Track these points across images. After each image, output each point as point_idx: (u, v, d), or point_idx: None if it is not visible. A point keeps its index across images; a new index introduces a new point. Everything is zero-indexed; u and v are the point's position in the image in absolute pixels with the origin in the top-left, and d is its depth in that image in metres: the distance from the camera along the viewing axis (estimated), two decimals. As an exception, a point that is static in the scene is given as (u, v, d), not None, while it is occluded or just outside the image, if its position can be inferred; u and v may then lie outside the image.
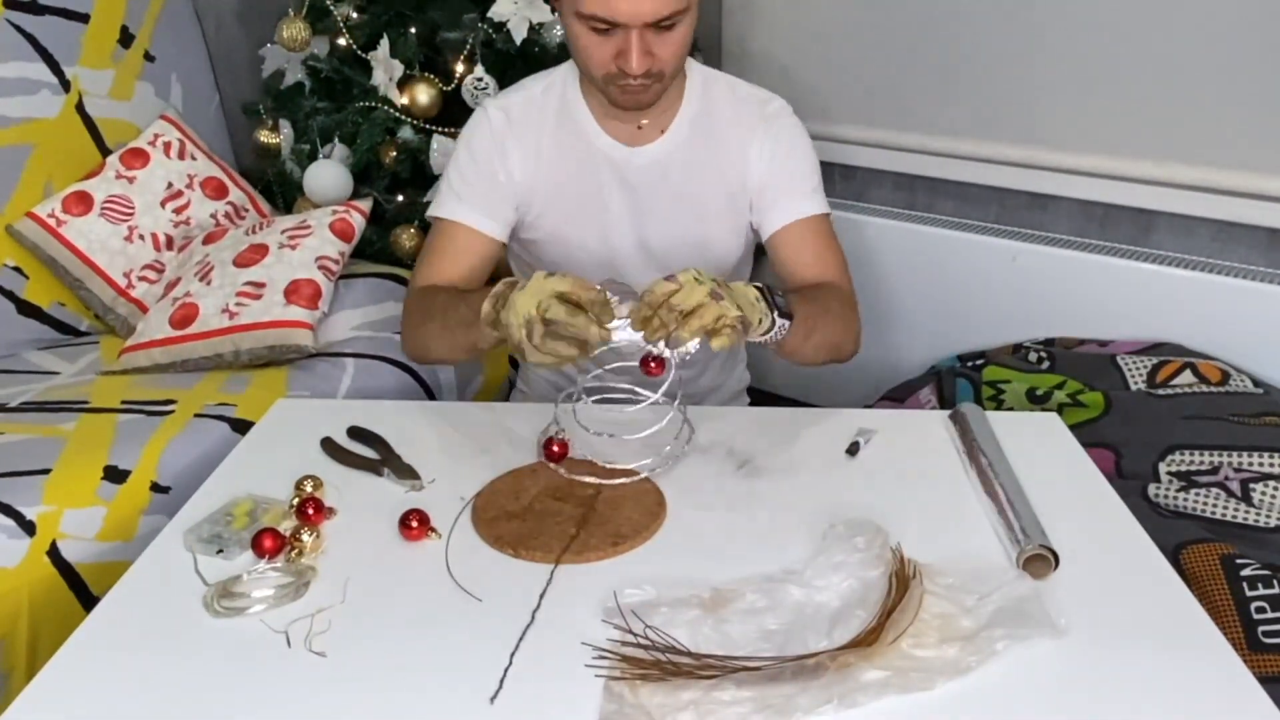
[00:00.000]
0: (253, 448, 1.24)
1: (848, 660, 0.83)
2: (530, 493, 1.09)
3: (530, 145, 1.35)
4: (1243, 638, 1.22)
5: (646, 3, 1.14)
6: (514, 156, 1.34)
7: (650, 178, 1.35)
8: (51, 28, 2.05)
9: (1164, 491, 1.46)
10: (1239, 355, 1.75)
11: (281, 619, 0.91)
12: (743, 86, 1.39)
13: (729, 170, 1.36)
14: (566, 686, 0.82)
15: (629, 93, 1.23)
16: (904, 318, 2.15)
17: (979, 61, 2.05)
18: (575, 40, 1.21)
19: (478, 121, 1.37)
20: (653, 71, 1.20)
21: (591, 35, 1.18)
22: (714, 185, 1.37)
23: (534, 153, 1.35)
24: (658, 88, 1.24)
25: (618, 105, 1.27)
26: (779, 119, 1.37)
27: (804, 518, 1.04)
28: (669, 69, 1.22)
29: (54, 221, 1.97)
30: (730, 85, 1.39)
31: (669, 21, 1.17)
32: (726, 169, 1.36)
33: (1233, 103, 1.78)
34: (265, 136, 2.32)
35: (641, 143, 1.35)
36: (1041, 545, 0.95)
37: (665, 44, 1.19)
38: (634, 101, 1.25)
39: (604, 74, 1.22)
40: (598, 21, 1.16)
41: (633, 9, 1.14)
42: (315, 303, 1.83)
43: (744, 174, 1.36)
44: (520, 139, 1.35)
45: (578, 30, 1.19)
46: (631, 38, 1.16)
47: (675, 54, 1.21)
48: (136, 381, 1.75)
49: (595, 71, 1.22)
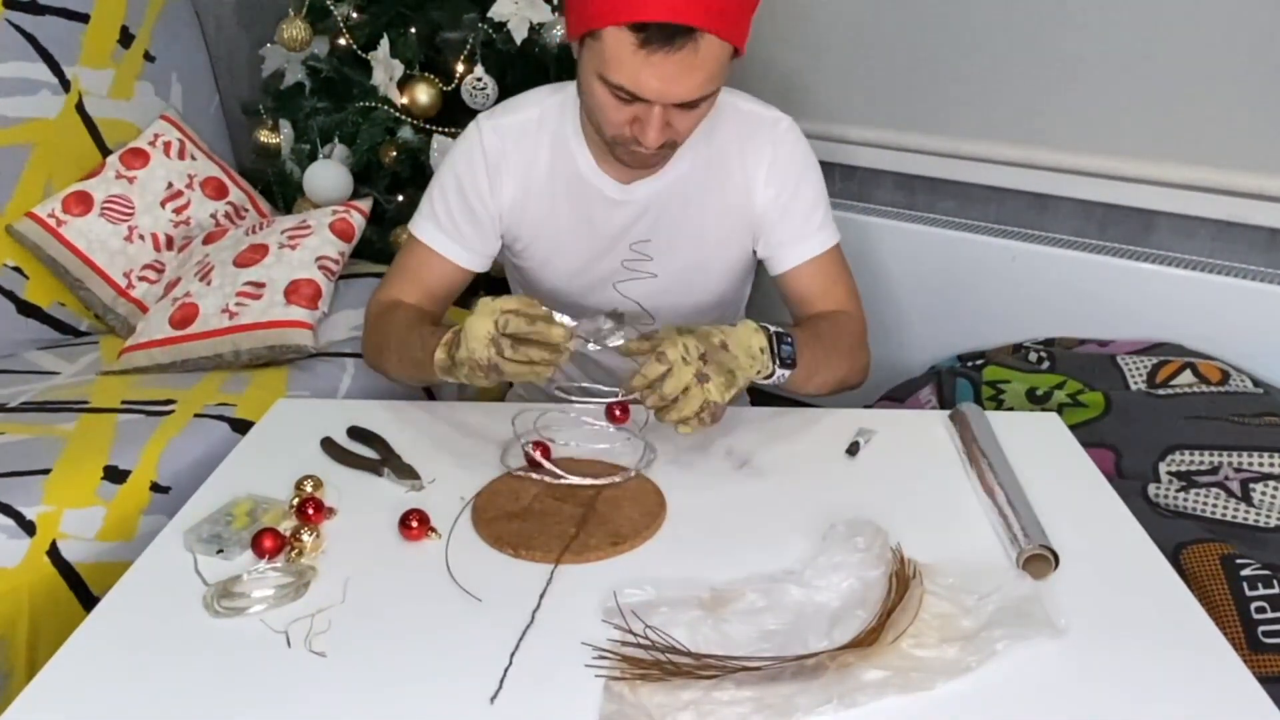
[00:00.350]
0: (253, 448, 1.24)
1: (848, 660, 0.83)
2: (530, 493, 1.09)
3: (521, 173, 1.30)
4: (1243, 638, 1.22)
5: (679, 85, 1.06)
6: (504, 183, 1.30)
7: (647, 213, 1.31)
8: (51, 28, 2.05)
9: (1164, 491, 1.46)
10: (1239, 355, 1.75)
11: (281, 619, 0.91)
12: (747, 103, 1.32)
13: (732, 196, 1.30)
14: (566, 686, 0.82)
15: (637, 158, 1.17)
16: (904, 317, 2.15)
17: (979, 61, 2.04)
18: (591, 96, 1.13)
19: (470, 142, 1.31)
20: (667, 143, 1.15)
21: (611, 99, 1.10)
22: (714, 215, 1.32)
23: (524, 181, 1.30)
24: (667, 153, 1.19)
25: (622, 163, 1.22)
26: (789, 141, 1.31)
27: (804, 518, 1.04)
28: (683, 139, 1.17)
29: (54, 221, 1.97)
30: (734, 103, 1.31)
31: (695, 103, 1.10)
32: (729, 195, 1.30)
33: (1233, 102, 1.78)
34: (265, 136, 2.32)
35: (638, 180, 1.29)
36: (1041, 545, 0.95)
37: (686, 119, 1.13)
38: (641, 165, 1.21)
39: (614, 135, 1.15)
40: (623, 92, 1.08)
41: (663, 89, 1.06)
42: (315, 303, 1.83)
43: (749, 200, 1.31)
44: (512, 166, 1.29)
45: (597, 90, 1.11)
46: (654, 113, 1.09)
47: (692, 127, 1.16)
48: (136, 381, 1.75)
49: (606, 131, 1.16)
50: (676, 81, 1.05)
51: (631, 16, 1.02)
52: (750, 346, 1.07)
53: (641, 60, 1.03)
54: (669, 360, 1.01)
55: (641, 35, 1.02)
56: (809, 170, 1.32)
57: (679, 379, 1.00)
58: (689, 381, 1.00)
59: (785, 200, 1.30)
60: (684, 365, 1.00)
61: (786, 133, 1.31)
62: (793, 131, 1.32)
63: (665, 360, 1.01)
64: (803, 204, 1.31)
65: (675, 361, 1.00)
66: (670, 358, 1.01)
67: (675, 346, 1.01)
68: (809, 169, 1.32)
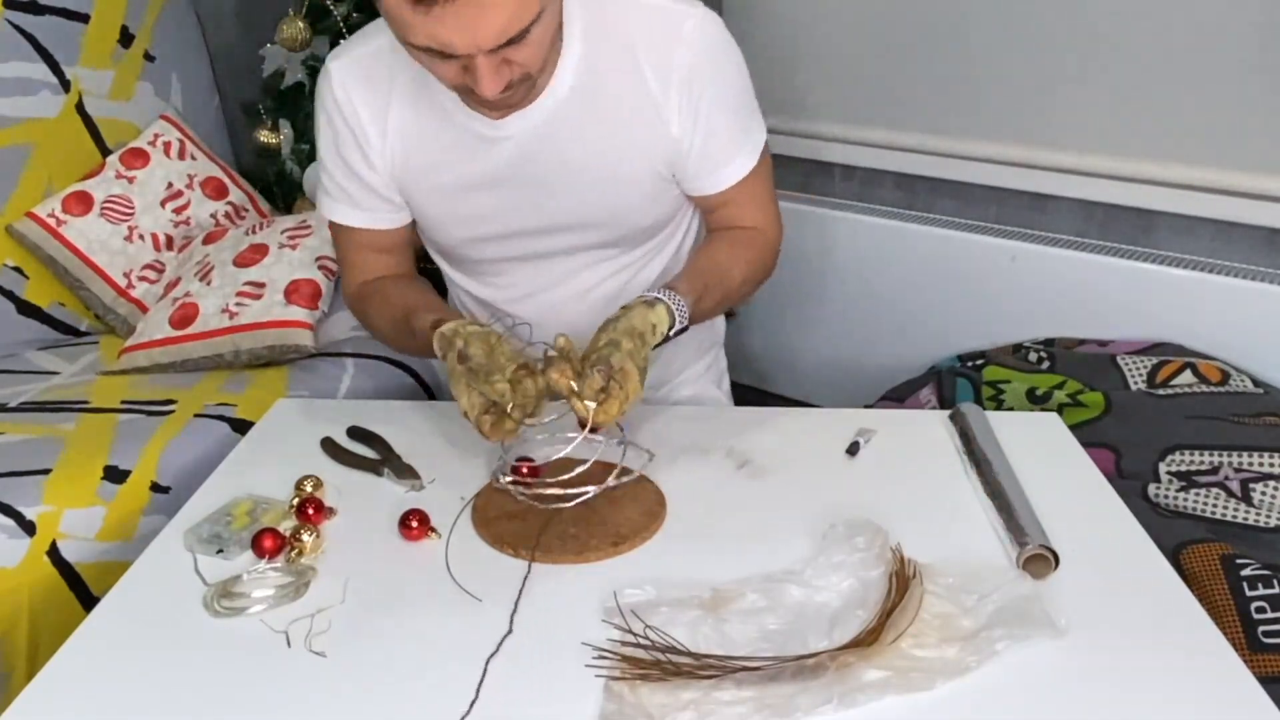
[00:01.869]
0: (253, 448, 1.24)
1: (848, 660, 0.82)
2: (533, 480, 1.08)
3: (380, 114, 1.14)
4: (1243, 638, 1.22)
5: (480, 30, 0.91)
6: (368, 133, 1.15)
7: (528, 151, 1.14)
8: (51, 28, 2.05)
9: (1164, 491, 1.46)
10: (1239, 355, 1.75)
11: (281, 619, 0.90)
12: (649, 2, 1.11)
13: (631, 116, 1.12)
14: (567, 686, 0.82)
15: (494, 107, 1.05)
16: (904, 318, 2.15)
17: (979, 61, 2.04)
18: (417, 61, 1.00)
19: (321, 96, 1.17)
20: (514, 80, 1.00)
21: (432, 59, 0.97)
22: (618, 141, 1.14)
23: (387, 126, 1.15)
24: (526, 87, 1.04)
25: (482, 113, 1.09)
26: (700, 45, 1.10)
27: (804, 518, 1.04)
28: (535, 69, 1.01)
29: (54, 221, 1.97)
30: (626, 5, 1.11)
31: (521, 36, 0.95)
32: (627, 114, 1.12)
33: (1233, 102, 1.78)
34: (265, 136, 2.32)
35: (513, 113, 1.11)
36: (1041, 545, 0.95)
37: (521, 52, 0.97)
38: (504, 108, 1.07)
39: (456, 87, 1.02)
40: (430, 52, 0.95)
41: (467, 39, 0.92)
42: (315, 302, 1.83)
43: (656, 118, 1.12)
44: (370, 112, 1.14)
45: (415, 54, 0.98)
46: (478, 63, 0.95)
47: (537, 55, 1.00)
48: (136, 381, 1.75)
49: (448, 87, 1.03)
50: (475, 27, 0.91)
51: None
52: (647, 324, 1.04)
53: (424, 17, 0.90)
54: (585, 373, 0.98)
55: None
56: (725, 76, 1.14)
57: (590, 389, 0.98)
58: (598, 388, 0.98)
59: (702, 125, 1.13)
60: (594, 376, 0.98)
61: (693, 33, 1.10)
62: (701, 28, 1.11)
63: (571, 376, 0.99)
64: (724, 123, 1.15)
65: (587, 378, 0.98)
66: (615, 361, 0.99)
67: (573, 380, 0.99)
68: (726, 73, 1.14)
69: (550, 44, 1.03)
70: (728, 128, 1.17)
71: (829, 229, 2.18)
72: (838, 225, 2.21)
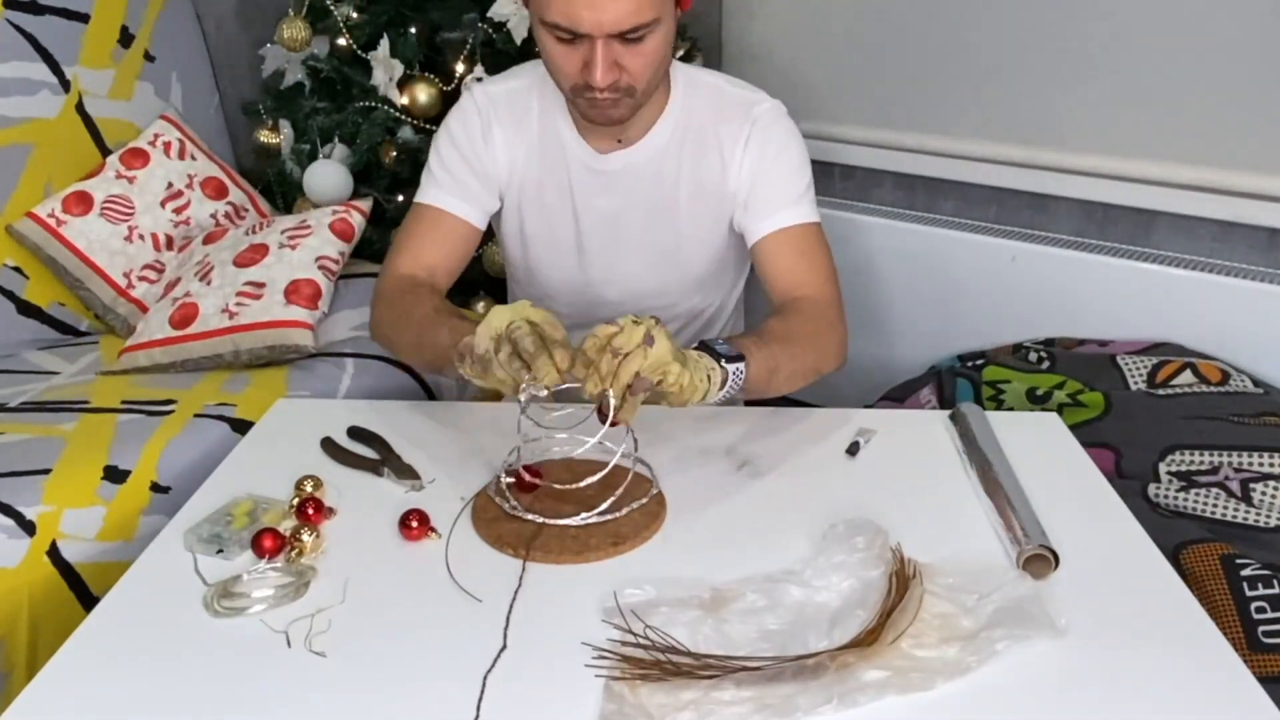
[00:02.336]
0: (253, 448, 1.23)
1: (848, 660, 0.82)
2: (530, 493, 1.08)
3: (511, 132, 1.34)
4: (1243, 638, 1.22)
5: (609, 10, 1.09)
6: (498, 142, 1.34)
7: (621, 184, 1.33)
8: (51, 27, 2.04)
9: (1164, 491, 1.46)
10: (1239, 355, 1.75)
11: (281, 619, 0.90)
12: (731, 87, 1.34)
13: (706, 176, 1.32)
14: (566, 686, 0.82)
15: (597, 107, 1.19)
16: (904, 317, 2.15)
17: (979, 61, 2.05)
18: (544, 49, 1.18)
19: (463, 105, 1.36)
20: (621, 85, 1.16)
21: (558, 45, 1.15)
22: (687, 190, 1.33)
23: (515, 145, 1.34)
24: (629, 103, 1.20)
25: (588, 119, 1.24)
26: (767, 121, 1.31)
27: (804, 518, 1.04)
28: (640, 83, 1.18)
29: (54, 221, 1.97)
30: (717, 86, 1.34)
31: (637, 34, 1.12)
32: (704, 173, 1.32)
33: (1234, 101, 1.78)
34: (265, 136, 2.32)
35: (616, 150, 1.32)
36: (1042, 545, 0.95)
37: (634, 56, 1.15)
38: (604, 116, 1.21)
39: (571, 85, 1.19)
40: (561, 31, 1.13)
41: (595, 17, 1.10)
42: (315, 303, 1.83)
43: (723, 180, 1.32)
44: (504, 124, 1.33)
45: (545, 39, 1.16)
46: (597, 48, 1.12)
47: (646, 67, 1.17)
48: (136, 381, 1.75)
49: (563, 83, 1.20)
50: (605, 8, 1.09)
51: None
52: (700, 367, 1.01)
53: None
54: (618, 320, 0.97)
55: None
56: (790, 148, 1.32)
57: (629, 336, 0.95)
58: (635, 343, 0.95)
59: (761, 176, 1.30)
60: (634, 325, 0.96)
61: (768, 113, 1.32)
62: (774, 113, 1.32)
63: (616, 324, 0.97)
64: (778, 178, 1.31)
65: (625, 323, 0.96)
66: (621, 321, 0.97)
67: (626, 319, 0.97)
68: (790, 147, 1.32)
69: (657, 67, 1.18)
70: (782, 182, 1.31)
71: (828, 229, 2.16)
72: (838, 225, 2.21)
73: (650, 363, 0.94)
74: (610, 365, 0.95)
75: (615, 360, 0.94)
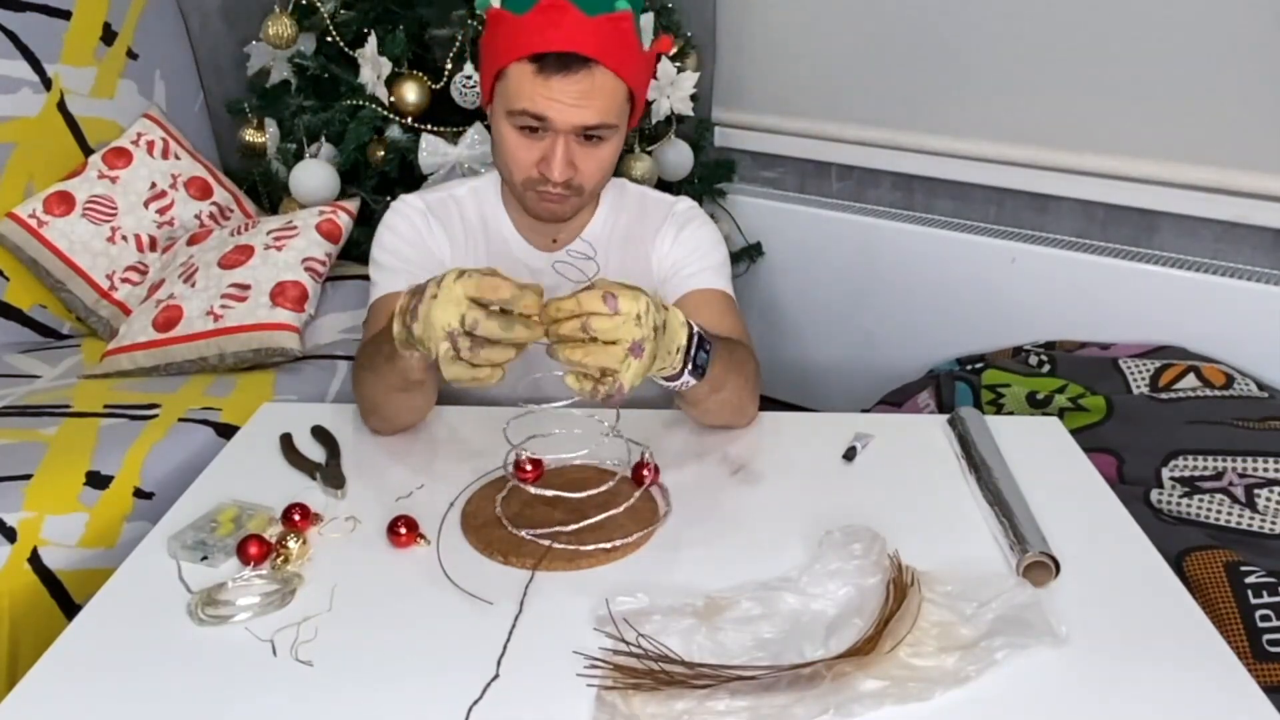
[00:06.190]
0: (238, 453, 1.22)
1: (844, 670, 0.82)
2: (521, 498, 1.07)
3: (455, 231, 1.36)
4: (1247, 647, 1.21)
5: (577, 110, 1.15)
6: (440, 236, 1.35)
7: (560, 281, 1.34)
8: (32, 25, 2.03)
9: (1167, 497, 1.45)
10: (1243, 358, 1.75)
11: (267, 627, 0.90)
12: (654, 195, 1.42)
13: (633, 266, 1.37)
14: (558, 696, 0.81)
15: (546, 200, 1.23)
16: (902, 320, 2.15)
17: (979, 61, 2.04)
18: (502, 142, 1.22)
19: (396, 210, 1.37)
20: (573, 184, 1.21)
21: (519, 136, 1.19)
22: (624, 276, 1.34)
23: (456, 239, 1.36)
24: (575, 201, 1.25)
25: (533, 213, 1.28)
26: (684, 212, 1.39)
27: (800, 524, 1.03)
28: (589, 184, 1.23)
29: (35, 222, 1.95)
30: (642, 194, 1.42)
31: (597, 133, 1.18)
32: (630, 265, 1.37)
33: (1237, 101, 1.78)
34: (250, 135, 2.30)
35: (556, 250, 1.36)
36: (1042, 552, 0.94)
37: (588, 158, 1.21)
38: (549, 211, 1.25)
39: (524, 178, 1.22)
40: (528, 118, 1.16)
41: (563, 111, 1.15)
42: (301, 305, 1.81)
43: (648, 270, 1.37)
44: (443, 223, 1.36)
45: (505, 131, 1.20)
46: (559, 143, 1.18)
47: (597, 170, 1.23)
48: (119, 385, 1.74)
49: (517, 175, 1.23)
50: (575, 106, 1.15)
51: (531, 49, 1.14)
52: (677, 340, 1.00)
53: (541, 85, 1.14)
54: (621, 310, 0.92)
55: (539, 64, 1.14)
56: (704, 232, 1.39)
57: (616, 328, 0.91)
58: (624, 340, 0.92)
59: (677, 253, 1.37)
60: (633, 325, 0.92)
61: (685, 210, 1.40)
62: (692, 209, 1.41)
63: (614, 306, 0.92)
64: (693, 251, 1.36)
65: (626, 312, 0.92)
66: (623, 308, 0.92)
67: (636, 302, 0.93)
68: (704, 231, 1.39)
69: (606, 172, 1.25)
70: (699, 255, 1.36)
71: (825, 230, 2.17)
72: (834, 226, 2.21)
73: (630, 375, 0.93)
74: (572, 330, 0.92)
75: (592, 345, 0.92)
